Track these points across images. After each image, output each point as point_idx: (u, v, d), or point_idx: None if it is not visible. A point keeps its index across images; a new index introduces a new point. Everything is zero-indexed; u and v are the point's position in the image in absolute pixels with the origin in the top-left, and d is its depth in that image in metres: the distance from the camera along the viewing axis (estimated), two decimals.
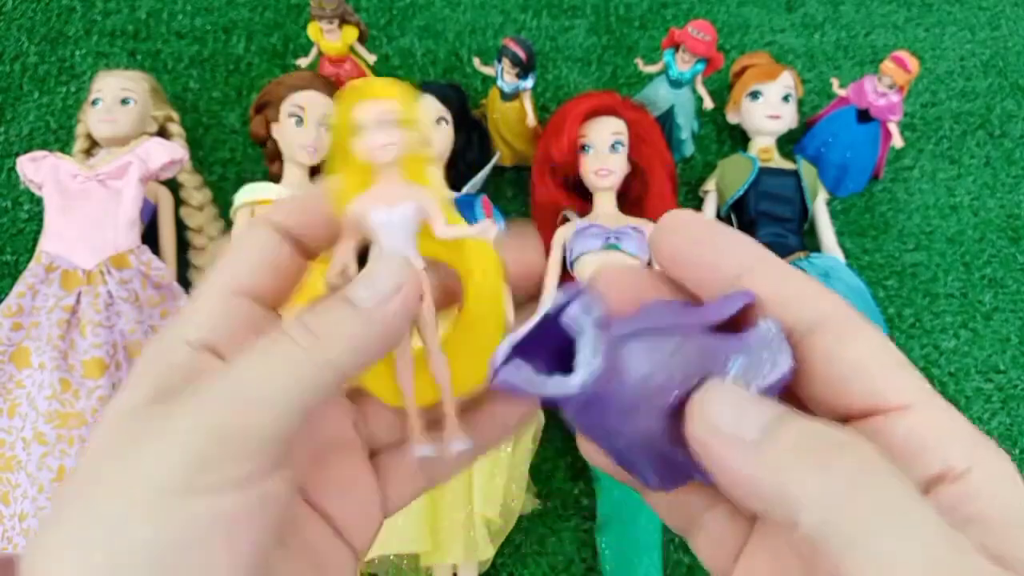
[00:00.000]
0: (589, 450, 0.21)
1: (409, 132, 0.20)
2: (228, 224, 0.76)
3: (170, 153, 0.71)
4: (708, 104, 0.83)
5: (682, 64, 0.80)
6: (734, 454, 0.16)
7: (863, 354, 0.17)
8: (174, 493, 0.16)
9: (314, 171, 0.76)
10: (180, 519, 0.16)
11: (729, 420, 0.17)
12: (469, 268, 0.22)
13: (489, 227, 0.22)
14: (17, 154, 0.74)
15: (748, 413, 0.17)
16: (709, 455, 0.17)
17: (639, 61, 0.86)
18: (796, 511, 0.15)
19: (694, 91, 0.83)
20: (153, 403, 0.17)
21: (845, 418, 0.17)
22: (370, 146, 0.20)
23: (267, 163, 0.78)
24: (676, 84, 0.82)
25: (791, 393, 0.18)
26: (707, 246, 0.20)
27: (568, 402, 0.18)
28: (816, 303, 0.18)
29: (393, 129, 0.20)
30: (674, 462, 0.19)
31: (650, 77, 0.85)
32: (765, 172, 0.80)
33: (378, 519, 0.23)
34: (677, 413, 0.18)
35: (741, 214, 0.80)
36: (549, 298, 0.19)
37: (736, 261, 0.19)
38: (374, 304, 0.19)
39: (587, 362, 0.18)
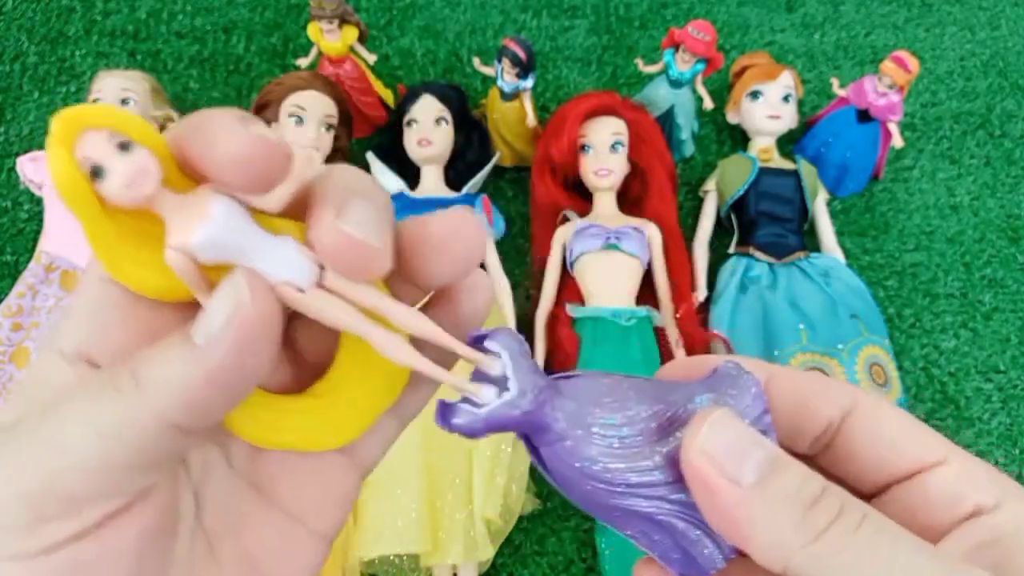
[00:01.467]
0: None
1: (149, 146, 0.16)
2: None
3: None
4: (708, 104, 0.83)
5: (682, 64, 0.80)
6: (729, 493, 0.16)
7: (897, 425, 0.20)
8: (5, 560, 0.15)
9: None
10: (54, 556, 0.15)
11: (727, 452, 0.17)
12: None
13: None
14: (17, 154, 0.74)
15: (748, 451, 0.17)
16: (700, 485, 0.17)
17: (639, 61, 0.86)
18: (787, 559, 0.16)
19: (694, 91, 0.83)
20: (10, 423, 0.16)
21: (887, 484, 0.20)
22: (121, 183, 0.15)
23: None
24: (676, 84, 0.82)
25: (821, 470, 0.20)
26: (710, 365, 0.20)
27: (544, 433, 0.18)
28: (841, 391, 0.20)
29: (135, 153, 0.16)
30: (689, 529, 0.18)
31: (650, 77, 0.85)
32: (765, 172, 0.80)
33: (343, 502, 0.21)
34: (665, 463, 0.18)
35: (741, 214, 0.80)
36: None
37: (755, 366, 0.20)
38: (204, 342, 0.16)
39: (523, 374, 0.18)
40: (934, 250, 0.84)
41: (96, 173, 0.15)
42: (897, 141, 0.84)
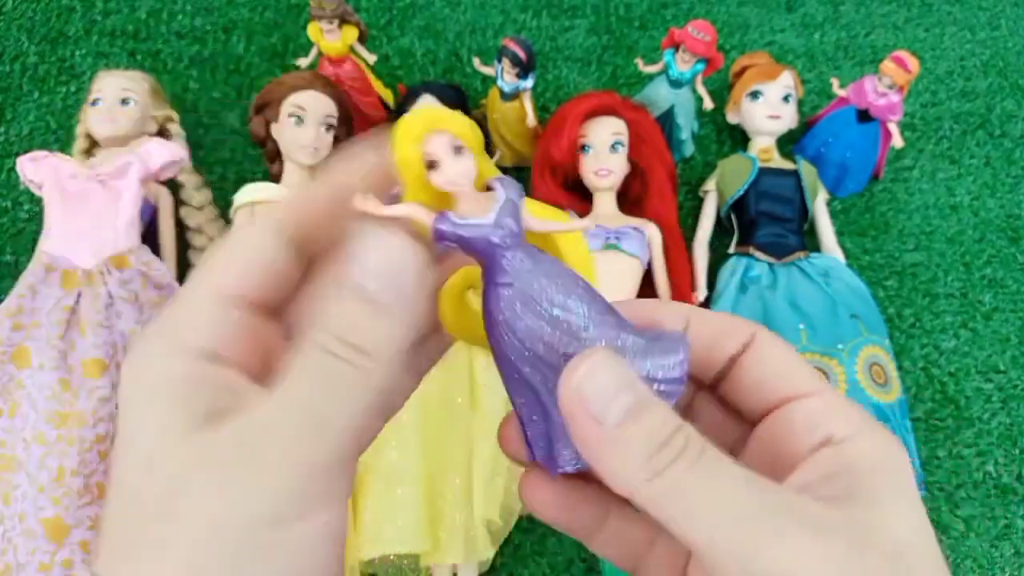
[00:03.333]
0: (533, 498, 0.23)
1: (475, 155, 0.21)
2: (228, 224, 0.76)
3: (170, 153, 0.71)
4: (708, 104, 0.83)
5: (682, 64, 0.80)
6: (591, 429, 0.18)
7: (781, 359, 0.22)
8: (269, 526, 0.16)
9: (313, 171, 0.76)
10: (282, 551, 0.16)
11: (598, 393, 0.18)
12: (563, 256, 0.23)
13: (577, 222, 0.23)
14: (17, 154, 0.74)
15: (617, 394, 0.18)
16: (569, 417, 0.19)
17: (639, 61, 0.86)
18: (633, 490, 0.18)
19: (694, 91, 0.83)
20: (203, 429, 0.17)
21: (767, 409, 0.21)
22: (448, 177, 0.21)
23: (267, 163, 0.78)
24: (676, 84, 0.81)
25: (721, 399, 0.23)
26: (648, 309, 0.23)
27: (496, 271, 0.21)
28: (744, 328, 0.22)
29: (465, 157, 0.21)
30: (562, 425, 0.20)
31: (650, 77, 0.85)
32: (765, 172, 0.80)
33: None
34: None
35: (741, 214, 0.80)
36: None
37: (676, 312, 0.23)
38: (397, 299, 0.19)
39: (504, 215, 0.21)
40: (934, 250, 0.84)
41: (431, 165, 0.21)
42: (897, 141, 0.84)
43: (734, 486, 0.17)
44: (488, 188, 0.22)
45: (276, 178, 0.76)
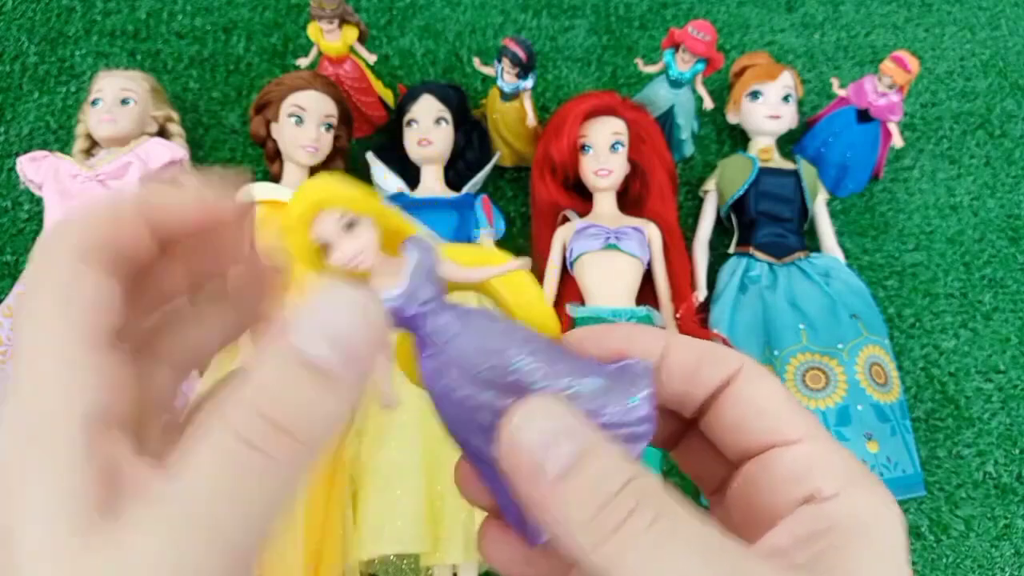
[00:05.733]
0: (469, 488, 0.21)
1: (375, 219, 0.19)
2: None
3: (170, 153, 0.71)
4: (708, 104, 0.83)
5: (682, 64, 0.80)
6: (532, 483, 0.16)
7: (768, 398, 0.19)
8: None
9: (313, 171, 0.76)
10: None
11: (535, 442, 0.16)
12: (500, 297, 0.22)
13: (511, 263, 0.21)
14: (17, 154, 0.74)
15: (557, 442, 0.16)
16: (514, 482, 0.17)
17: (639, 61, 0.86)
18: (581, 556, 0.16)
19: (694, 91, 0.83)
20: (101, 520, 0.14)
21: (749, 453, 0.19)
22: (347, 258, 0.19)
23: (267, 163, 0.78)
24: (676, 84, 0.81)
25: (705, 440, 0.21)
26: (618, 336, 0.21)
27: (421, 343, 0.19)
28: (730, 358, 0.20)
29: (359, 231, 0.19)
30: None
31: (650, 77, 0.85)
32: (765, 172, 0.80)
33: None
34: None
35: (741, 214, 0.80)
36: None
37: (651, 340, 0.20)
38: (343, 364, 0.15)
39: (413, 267, 0.20)
40: (934, 250, 0.84)
41: (325, 249, 0.19)
42: (897, 141, 0.84)
43: (689, 557, 0.15)
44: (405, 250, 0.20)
45: (276, 178, 0.76)
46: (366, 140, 0.84)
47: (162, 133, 0.78)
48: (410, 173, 0.78)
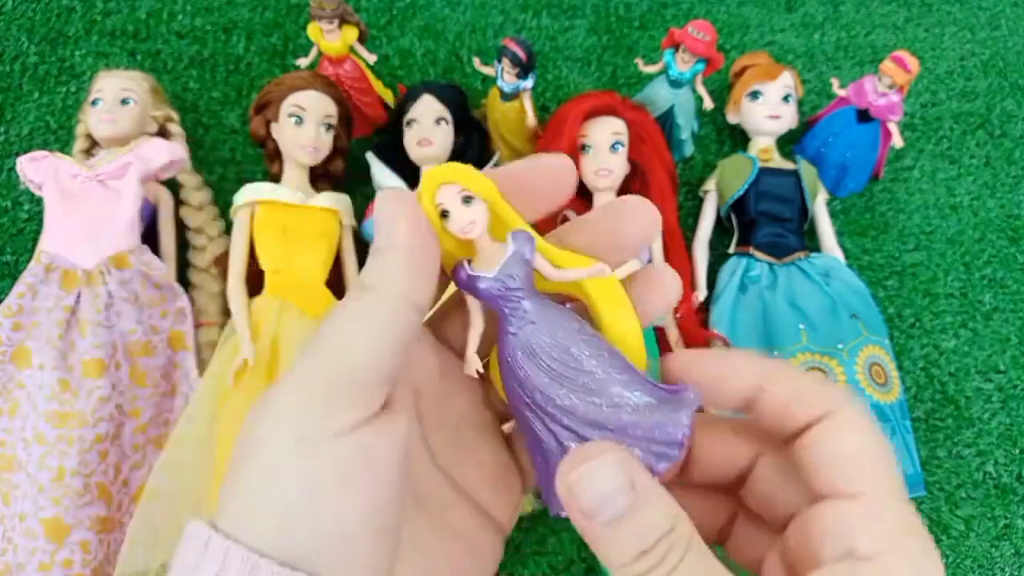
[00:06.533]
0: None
1: (490, 205, 0.23)
2: (228, 224, 0.76)
3: (170, 153, 0.71)
4: (708, 104, 0.83)
5: (682, 64, 0.80)
6: (585, 523, 0.19)
7: (848, 444, 0.20)
8: (310, 441, 0.19)
9: (313, 171, 0.76)
10: (322, 460, 0.18)
11: (592, 497, 0.19)
12: (593, 303, 0.24)
13: (594, 268, 0.24)
14: (17, 154, 0.74)
15: (612, 498, 0.19)
16: (567, 507, 0.20)
17: (639, 61, 0.86)
18: None
19: (694, 91, 0.83)
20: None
21: (810, 499, 0.21)
22: (459, 225, 0.23)
23: (267, 163, 0.78)
24: (676, 84, 0.81)
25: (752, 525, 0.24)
26: (721, 366, 0.23)
27: (502, 319, 0.23)
28: (824, 399, 0.21)
29: (474, 206, 0.23)
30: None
31: (650, 77, 0.85)
32: (765, 172, 0.80)
33: (519, 492, 0.25)
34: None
35: (741, 214, 0.80)
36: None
37: (749, 368, 0.22)
38: (386, 243, 0.21)
39: (513, 267, 0.22)
40: (934, 250, 0.84)
41: (444, 215, 0.23)
42: (897, 141, 0.84)
43: None
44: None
45: (276, 178, 0.76)
46: (366, 140, 0.84)
47: (162, 133, 0.77)
48: (410, 173, 0.78)
